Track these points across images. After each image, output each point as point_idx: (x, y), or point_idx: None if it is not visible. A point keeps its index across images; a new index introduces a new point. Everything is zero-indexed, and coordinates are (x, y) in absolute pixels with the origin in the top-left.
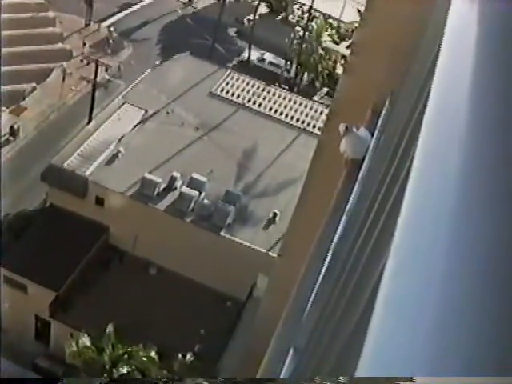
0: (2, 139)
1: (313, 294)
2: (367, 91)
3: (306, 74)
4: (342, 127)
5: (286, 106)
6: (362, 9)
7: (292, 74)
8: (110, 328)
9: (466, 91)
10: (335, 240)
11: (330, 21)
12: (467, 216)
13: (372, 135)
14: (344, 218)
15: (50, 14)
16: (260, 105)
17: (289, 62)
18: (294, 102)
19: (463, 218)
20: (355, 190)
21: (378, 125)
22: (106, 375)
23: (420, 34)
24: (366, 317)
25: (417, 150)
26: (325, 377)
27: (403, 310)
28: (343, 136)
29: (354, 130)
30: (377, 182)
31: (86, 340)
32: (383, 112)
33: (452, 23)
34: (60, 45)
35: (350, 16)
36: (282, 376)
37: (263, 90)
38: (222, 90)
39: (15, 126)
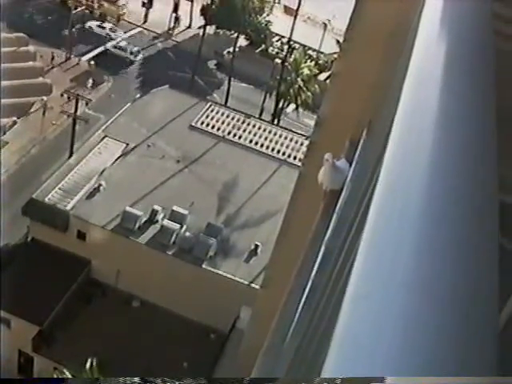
0: None
1: (293, 325)
2: (347, 122)
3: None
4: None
5: (266, 138)
6: (341, 40)
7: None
8: (91, 362)
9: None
10: (314, 271)
11: (310, 52)
12: (430, 234)
13: (350, 165)
14: (322, 248)
15: (31, 48)
16: (240, 137)
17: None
18: (275, 134)
19: (426, 242)
20: (333, 220)
21: (356, 155)
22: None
23: (395, 64)
24: None
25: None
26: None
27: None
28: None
29: (332, 160)
30: (352, 212)
31: (68, 375)
32: (361, 142)
33: (418, 50)
34: (40, 79)
35: (330, 47)
36: None
37: (243, 122)
38: (203, 123)
39: None
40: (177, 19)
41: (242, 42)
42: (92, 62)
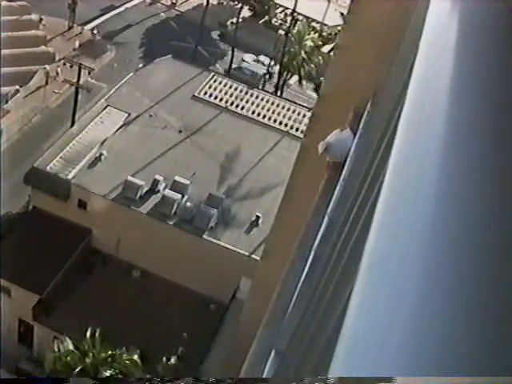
0: None
1: (294, 297)
2: (350, 93)
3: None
4: (321, 147)
5: (268, 109)
6: (345, 12)
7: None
8: (92, 331)
9: (444, 91)
10: (316, 242)
11: (313, 24)
12: (443, 218)
13: (354, 137)
14: (325, 220)
15: (33, 16)
16: (243, 108)
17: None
18: (277, 105)
19: (439, 219)
20: (336, 192)
21: (360, 127)
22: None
23: (402, 36)
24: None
25: (392, 151)
26: (309, 377)
27: (377, 310)
28: (321, 154)
29: (334, 135)
30: (357, 183)
31: (68, 343)
32: (365, 114)
33: (430, 24)
34: (43, 47)
35: (334, 19)
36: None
37: (246, 93)
38: (205, 93)
39: None
40: None
41: (246, 12)
42: (95, 31)
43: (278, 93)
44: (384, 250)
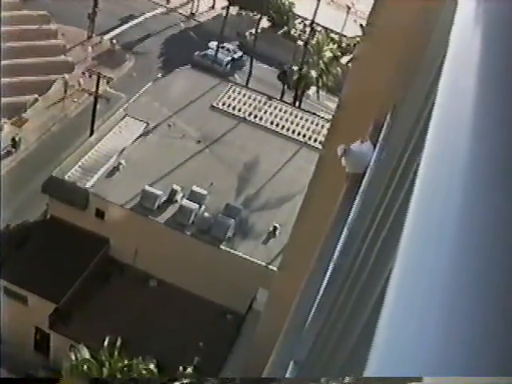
0: (4, 151)
1: (314, 308)
2: (369, 105)
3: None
4: (340, 150)
5: (287, 120)
6: (364, 23)
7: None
8: (109, 340)
9: (471, 103)
10: (336, 254)
11: (332, 35)
12: (471, 227)
13: (374, 149)
14: (345, 231)
15: (53, 26)
16: (261, 118)
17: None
18: (296, 116)
19: (467, 228)
20: (356, 203)
21: (380, 139)
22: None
23: (422, 48)
24: (369, 329)
25: (421, 163)
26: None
27: (411, 311)
28: (341, 157)
29: (355, 145)
30: (379, 195)
31: (85, 352)
32: (385, 126)
33: (456, 36)
34: (62, 57)
35: (353, 30)
36: None
37: (264, 104)
38: (224, 104)
39: (16, 138)
40: None
41: (265, 23)
42: (114, 41)
43: (297, 103)
44: (416, 253)
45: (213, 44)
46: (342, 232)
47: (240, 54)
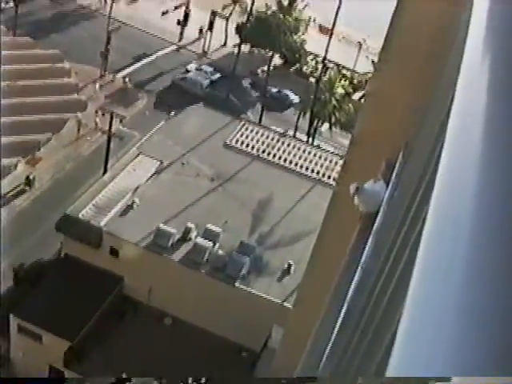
0: (18, 189)
1: (329, 346)
2: (382, 142)
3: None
4: (352, 188)
5: (300, 157)
6: (376, 59)
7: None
8: (124, 379)
9: (480, 142)
10: (350, 292)
11: (344, 71)
12: (479, 263)
13: (387, 187)
14: (359, 270)
15: (66, 64)
16: (274, 155)
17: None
18: (309, 153)
19: (475, 264)
20: (369, 243)
21: (393, 177)
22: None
23: (434, 85)
24: (384, 368)
25: (430, 208)
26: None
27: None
28: (354, 196)
29: (368, 184)
30: (392, 234)
31: None
32: (397, 164)
33: (465, 75)
34: (75, 95)
35: (364, 66)
36: None
37: (277, 141)
38: (237, 141)
39: (31, 176)
40: (201, 31)
41: (277, 60)
42: (127, 80)
43: (310, 140)
44: (427, 290)
45: (192, 67)
46: (356, 271)
47: (218, 75)
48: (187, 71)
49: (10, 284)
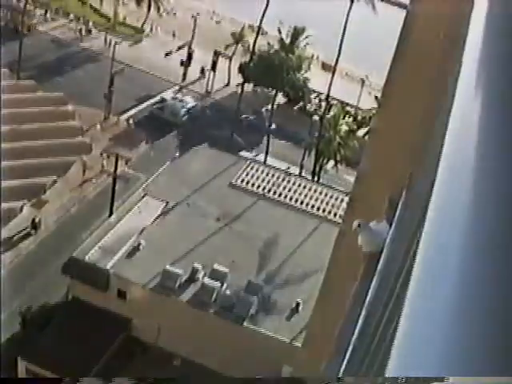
0: (24, 232)
1: None
2: (387, 178)
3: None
4: (355, 225)
5: (306, 195)
6: (379, 95)
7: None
8: None
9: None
10: (355, 335)
11: (348, 108)
12: (468, 304)
13: (390, 226)
14: (363, 313)
15: (70, 107)
16: (280, 194)
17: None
18: (315, 191)
19: (469, 283)
20: (373, 284)
21: (396, 216)
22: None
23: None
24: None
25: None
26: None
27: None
28: (358, 233)
29: (371, 224)
30: (394, 275)
31: None
32: (400, 203)
33: (456, 112)
34: (80, 138)
35: (368, 102)
36: None
37: (283, 180)
38: (242, 181)
39: (36, 219)
40: (202, 71)
41: (280, 99)
42: (131, 121)
43: (315, 178)
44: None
45: (167, 95)
46: (361, 312)
47: (193, 104)
48: (163, 100)
49: (18, 328)
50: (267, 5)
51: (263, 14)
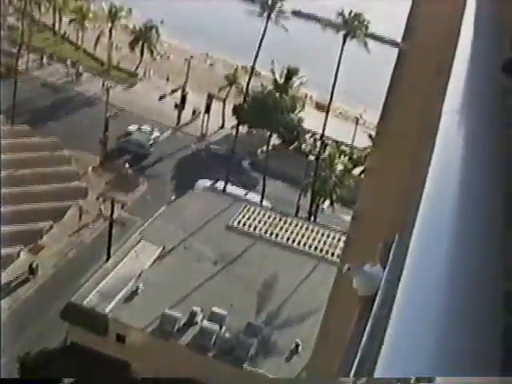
0: (22, 278)
1: None
2: (382, 220)
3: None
4: (345, 268)
5: (303, 235)
6: (373, 133)
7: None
8: None
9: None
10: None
11: (343, 147)
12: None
13: (384, 269)
14: (358, 355)
15: (65, 152)
16: (277, 235)
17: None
18: (312, 231)
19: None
20: (367, 327)
21: (389, 259)
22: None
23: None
24: None
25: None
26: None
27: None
28: (349, 275)
29: (365, 267)
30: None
31: None
32: (393, 245)
33: (438, 158)
34: (76, 183)
35: (363, 141)
36: None
37: (280, 221)
38: (239, 223)
39: (34, 265)
40: (194, 113)
41: (275, 140)
42: (127, 165)
43: (312, 218)
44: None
45: (132, 128)
46: (356, 355)
47: (157, 134)
48: (128, 133)
49: (16, 374)
50: (259, 46)
51: (256, 56)
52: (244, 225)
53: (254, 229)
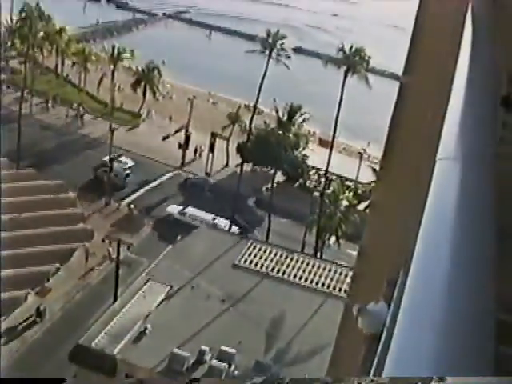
0: (29, 321)
1: None
2: (387, 256)
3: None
4: (355, 310)
5: (310, 272)
6: (377, 167)
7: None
8: None
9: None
10: None
11: (347, 182)
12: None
13: (389, 307)
14: None
15: (70, 194)
16: (284, 272)
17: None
18: (318, 267)
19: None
20: (373, 365)
21: (394, 296)
22: None
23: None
24: None
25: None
26: None
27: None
28: (357, 316)
29: (369, 305)
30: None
31: None
32: (398, 283)
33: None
34: (81, 225)
35: (367, 176)
36: None
37: (286, 258)
38: (245, 261)
39: (41, 308)
40: (196, 151)
41: (280, 177)
42: (132, 206)
43: (318, 254)
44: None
45: (107, 158)
46: None
47: (131, 163)
48: (105, 164)
49: None
50: (261, 84)
51: (258, 94)
52: (250, 263)
53: (261, 266)
